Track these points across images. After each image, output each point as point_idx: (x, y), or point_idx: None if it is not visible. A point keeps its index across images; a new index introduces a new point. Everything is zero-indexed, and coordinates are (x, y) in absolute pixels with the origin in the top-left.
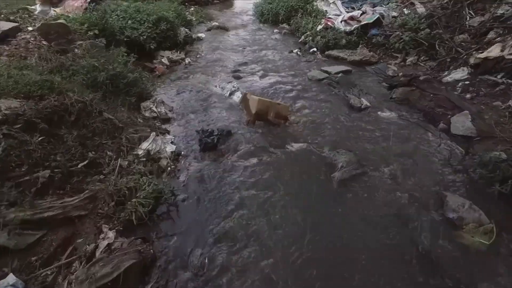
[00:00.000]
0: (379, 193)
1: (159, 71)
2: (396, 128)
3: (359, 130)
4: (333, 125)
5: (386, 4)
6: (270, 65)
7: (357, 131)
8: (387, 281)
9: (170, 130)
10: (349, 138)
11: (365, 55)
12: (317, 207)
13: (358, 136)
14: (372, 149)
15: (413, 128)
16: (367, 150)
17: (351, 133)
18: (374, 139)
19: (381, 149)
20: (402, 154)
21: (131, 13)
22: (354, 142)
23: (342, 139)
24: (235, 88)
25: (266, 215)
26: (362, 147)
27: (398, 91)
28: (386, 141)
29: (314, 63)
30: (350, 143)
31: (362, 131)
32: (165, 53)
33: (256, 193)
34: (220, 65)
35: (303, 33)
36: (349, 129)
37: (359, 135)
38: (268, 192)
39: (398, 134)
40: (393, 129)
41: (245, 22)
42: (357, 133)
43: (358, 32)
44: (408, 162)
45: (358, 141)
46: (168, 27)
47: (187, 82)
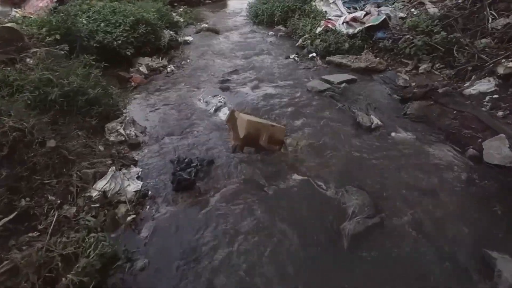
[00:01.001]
0: (402, 253)
1: (135, 81)
2: (415, 154)
3: (371, 157)
4: (339, 151)
5: (391, 4)
6: (263, 73)
7: (369, 159)
8: None
9: (138, 159)
10: (359, 169)
11: (371, 62)
12: (322, 280)
13: (370, 166)
14: (388, 185)
15: (436, 155)
16: (383, 185)
17: (361, 161)
18: (389, 170)
19: (400, 183)
20: (425, 191)
21: (106, 14)
22: (365, 175)
23: (350, 170)
24: (221, 103)
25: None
26: (376, 182)
27: (413, 106)
28: (405, 172)
29: (314, 70)
30: (361, 175)
31: (375, 158)
32: (145, 60)
33: (240, 259)
34: (207, 74)
35: (300, 36)
36: (359, 156)
37: (371, 164)
38: (257, 255)
39: (419, 162)
40: (411, 156)
41: (238, 24)
42: (369, 162)
43: (363, 35)
44: (434, 203)
45: (371, 172)
46: (148, 30)
47: (167, 94)
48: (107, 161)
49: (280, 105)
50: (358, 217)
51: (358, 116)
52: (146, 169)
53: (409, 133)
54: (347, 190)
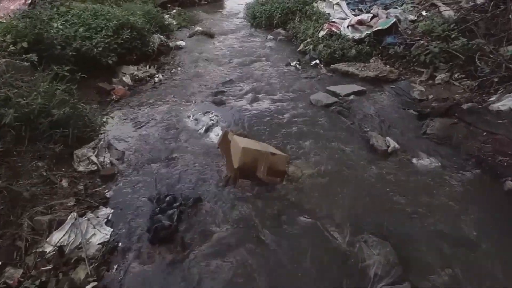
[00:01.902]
0: None
1: (117, 94)
2: (444, 188)
3: (390, 192)
4: (352, 183)
5: (400, 6)
6: (262, 83)
7: (388, 194)
8: None
9: (110, 196)
10: (378, 208)
11: (381, 70)
12: None
13: (390, 204)
14: (415, 231)
15: (469, 189)
16: (408, 232)
17: (379, 197)
18: (415, 210)
19: (429, 230)
20: (461, 241)
21: (86, 18)
22: (386, 216)
23: (367, 210)
24: (213, 121)
25: None
26: (400, 226)
27: (434, 124)
28: (433, 213)
29: (317, 80)
30: (381, 218)
31: (395, 192)
32: (129, 69)
33: None
34: (199, 84)
35: (302, 40)
36: (376, 190)
37: (392, 201)
38: None
39: (449, 200)
40: (439, 191)
41: (235, 26)
42: (388, 198)
43: (370, 40)
44: (476, 259)
45: (392, 213)
46: (134, 36)
47: (152, 109)
48: (69, 202)
49: (280, 123)
50: (383, 282)
51: (372, 138)
52: (118, 210)
53: (433, 159)
54: (365, 241)
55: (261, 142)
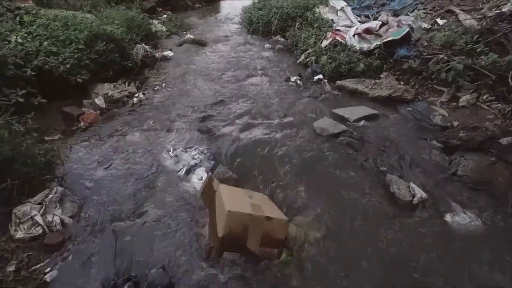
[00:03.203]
0: None
1: (86, 120)
2: (491, 261)
3: (422, 265)
4: (371, 251)
5: (411, 12)
6: (257, 104)
7: (420, 270)
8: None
9: (50, 280)
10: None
11: (395, 89)
12: None
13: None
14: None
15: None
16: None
17: (410, 275)
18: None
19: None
20: None
21: (54, 28)
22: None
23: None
24: (196, 160)
25: None
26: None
27: (467, 164)
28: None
29: (322, 100)
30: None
31: (429, 266)
32: (104, 87)
33: None
34: (185, 105)
35: (303, 50)
36: (404, 264)
37: (425, 282)
38: None
39: (502, 279)
40: (485, 266)
41: (230, 33)
42: (420, 279)
43: (381, 53)
44: None
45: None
46: (110, 48)
47: (126, 141)
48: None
49: (278, 160)
50: None
51: (392, 184)
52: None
53: (471, 214)
54: None
55: (254, 193)
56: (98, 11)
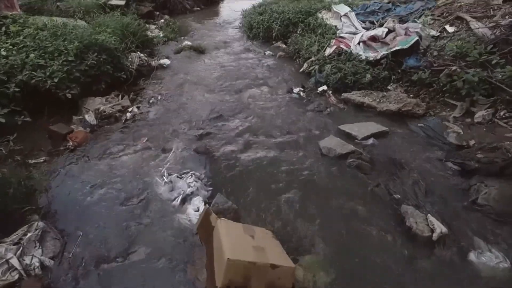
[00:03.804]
0: None
1: (74, 139)
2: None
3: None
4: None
5: (418, 18)
6: (258, 119)
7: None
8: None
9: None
10: None
11: (405, 103)
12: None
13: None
14: None
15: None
16: None
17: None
18: None
19: None
20: None
21: (42, 39)
22: None
23: None
24: (192, 188)
25: None
26: None
27: (490, 192)
28: None
29: (327, 114)
30: None
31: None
32: (95, 102)
33: None
34: (182, 120)
35: (305, 58)
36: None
37: None
38: None
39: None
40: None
41: (230, 38)
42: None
43: (388, 62)
44: None
45: None
46: (103, 59)
47: (117, 164)
48: None
49: (282, 186)
50: None
51: (408, 216)
52: None
53: (498, 253)
54: None
55: (256, 229)
56: (91, 17)
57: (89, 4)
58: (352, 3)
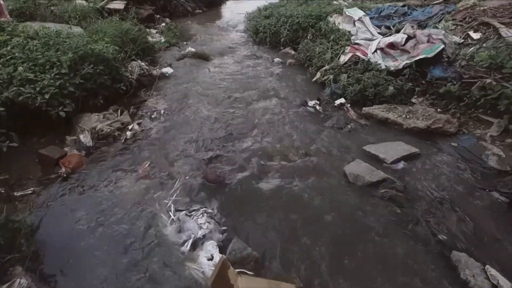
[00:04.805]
0: None
1: (67, 165)
2: None
3: None
4: None
5: (437, 22)
6: (272, 138)
7: None
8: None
9: None
10: None
11: (434, 119)
12: None
13: None
14: None
15: None
16: None
17: None
18: None
19: None
20: None
21: (32, 49)
22: None
23: None
24: (204, 230)
25: None
26: None
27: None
28: None
29: (348, 132)
30: None
31: None
32: (91, 119)
33: None
34: (187, 139)
35: (318, 67)
36: None
37: None
38: None
39: None
40: None
41: (234, 43)
42: None
43: (412, 73)
44: None
45: None
46: (99, 71)
47: (115, 195)
48: None
49: (306, 223)
50: None
51: (461, 267)
52: None
53: None
54: None
55: (283, 285)
56: (88, 23)
57: (85, 9)
58: (364, 6)
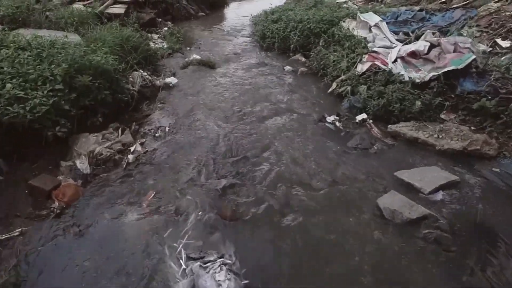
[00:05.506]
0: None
1: (61, 198)
2: None
3: None
4: None
5: (460, 29)
6: (290, 161)
7: None
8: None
9: None
10: None
11: (471, 140)
12: None
13: None
14: None
15: None
16: None
17: None
18: None
19: None
20: None
21: (23, 62)
22: None
23: None
24: (224, 281)
25: None
26: None
27: None
28: None
29: (375, 154)
30: None
31: None
32: (89, 141)
33: None
34: (196, 163)
35: (333, 76)
36: None
37: None
38: None
39: None
40: None
41: (240, 49)
42: None
43: (440, 86)
44: None
45: None
46: (98, 84)
47: (115, 235)
48: None
49: (342, 273)
50: None
51: None
52: None
53: None
54: None
55: None
56: (86, 29)
57: (83, 14)
58: (377, 10)
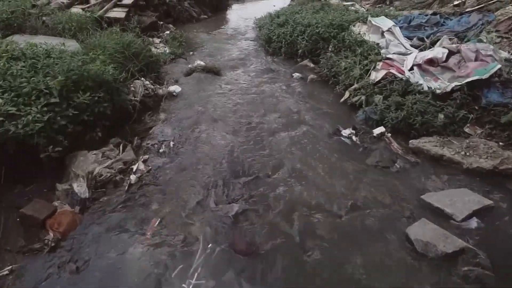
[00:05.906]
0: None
1: (56, 228)
2: None
3: None
4: None
5: (478, 34)
6: (305, 181)
7: None
8: None
9: None
10: None
11: (502, 157)
12: None
13: None
14: None
15: None
16: None
17: None
18: None
19: None
20: None
21: (16, 74)
22: None
23: None
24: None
25: None
26: None
27: None
28: None
29: (397, 173)
30: None
31: None
32: (88, 160)
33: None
34: (203, 183)
35: (346, 85)
36: None
37: None
38: None
39: None
40: None
41: (245, 53)
42: None
43: (463, 97)
44: None
45: None
46: (98, 98)
47: (117, 271)
48: None
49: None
50: None
51: None
52: None
53: None
54: None
55: None
56: (85, 35)
57: (82, 19)
58: (388, 14)
